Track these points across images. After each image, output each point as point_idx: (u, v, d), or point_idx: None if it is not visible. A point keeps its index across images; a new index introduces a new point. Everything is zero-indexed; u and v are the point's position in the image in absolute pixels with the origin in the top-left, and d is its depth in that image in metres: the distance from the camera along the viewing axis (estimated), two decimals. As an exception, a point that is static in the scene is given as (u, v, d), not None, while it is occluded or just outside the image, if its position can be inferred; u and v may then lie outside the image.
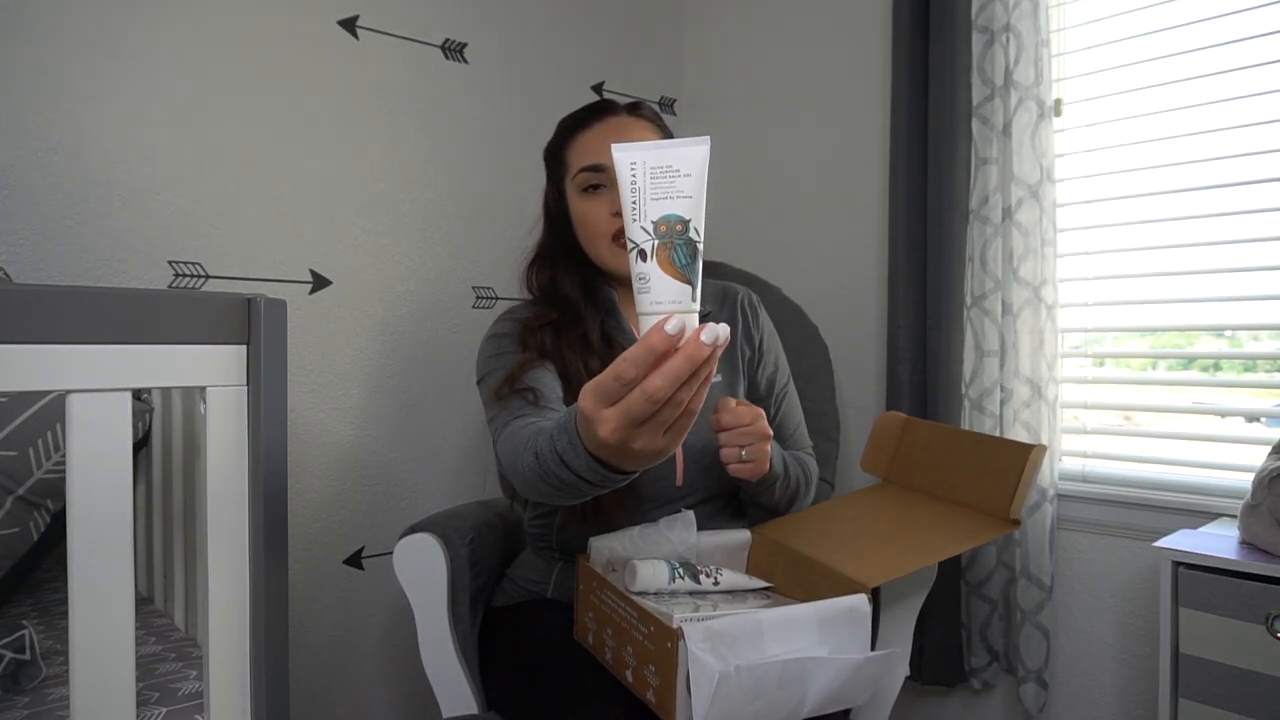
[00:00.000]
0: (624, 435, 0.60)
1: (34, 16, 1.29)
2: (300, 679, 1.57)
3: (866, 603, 0.90)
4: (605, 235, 1.14)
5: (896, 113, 1.62)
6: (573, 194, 1.17)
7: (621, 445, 0.61)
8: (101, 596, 0.67)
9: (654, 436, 0.61)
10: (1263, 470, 1.13)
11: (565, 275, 1.18)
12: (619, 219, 1.10)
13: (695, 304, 0.59)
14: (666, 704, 0.82)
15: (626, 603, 0.90)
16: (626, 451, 0.62)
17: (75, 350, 0.66)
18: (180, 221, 1.43)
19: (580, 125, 1.17)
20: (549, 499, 0.87)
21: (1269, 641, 1.05)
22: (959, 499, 1.14)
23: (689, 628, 0.80)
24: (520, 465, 0.88)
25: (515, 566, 1.27)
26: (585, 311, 1.15)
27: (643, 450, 0.62)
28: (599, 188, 1.14)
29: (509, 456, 0.95)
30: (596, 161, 1.13)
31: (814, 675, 0.85)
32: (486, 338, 1.20)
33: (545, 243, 1.24)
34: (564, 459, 0.74)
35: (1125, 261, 1.48)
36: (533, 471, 0.84)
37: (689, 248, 0.59)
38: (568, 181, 1.18)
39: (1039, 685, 1.45)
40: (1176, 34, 1.41)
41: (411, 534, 1.19)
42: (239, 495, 0.76)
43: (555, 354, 1.12)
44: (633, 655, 0.88)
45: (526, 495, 0.98)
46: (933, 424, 1.28)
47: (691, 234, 0.59)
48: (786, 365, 1.29)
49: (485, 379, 1.14)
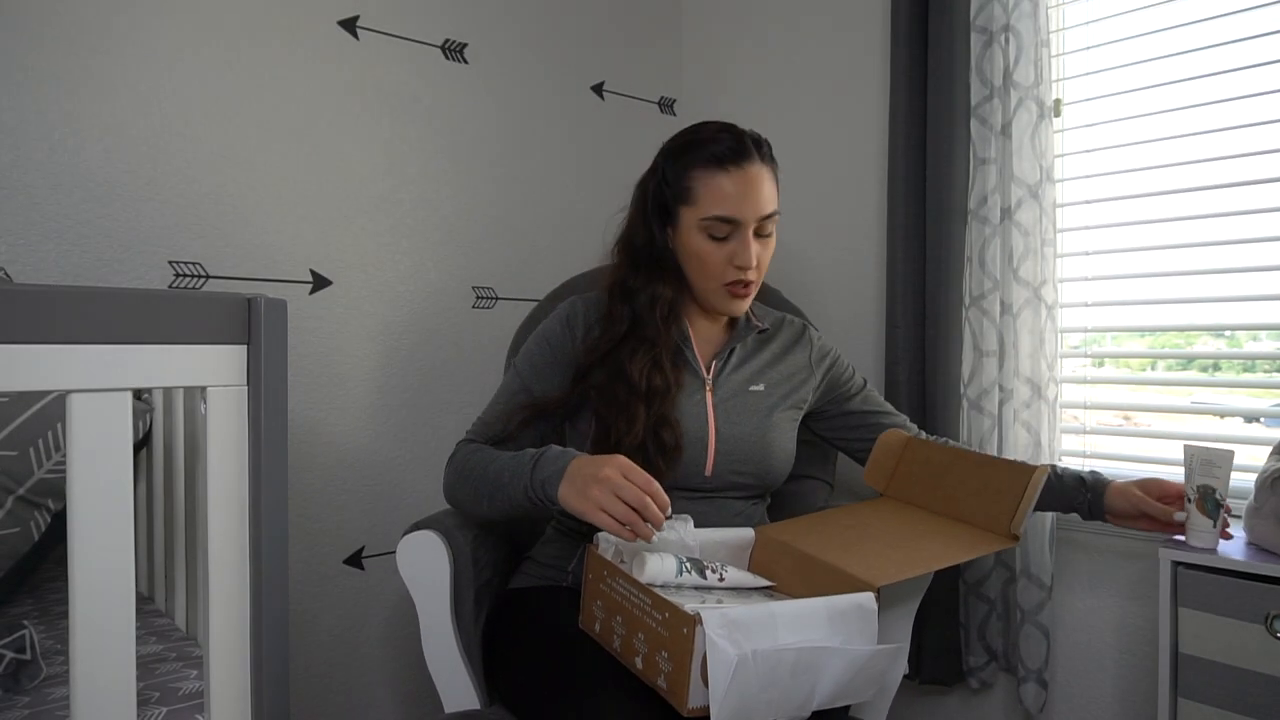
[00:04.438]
0: (617, 474, 0.94)
1: (34, 16, 1.29)
2: (300, 679, 1.57)
3: (874, 600, 0.91)
4: (719, 279, 1.19)
5: (895, 113, 1.62)
6: (692, 227, 1.18)
7: (604, 478, 0.94)
8: (101, 596, 0.67)
9: (606, 503, 0.94)
10: (1264, 472, 1.13)
11: (660, 287, 1.20)
12: (739, 271, 1.17)
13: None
14: (678, 690, 0.83)
15: (640, 590, 0.90)
16: (586, 488, 0.96)
17: (75, 350, 0.66)
18: (180, 221, 1.43)
19: (718, 163, 1.15)
20: (472, 487, 1.10)
21: (1269, 641, 1.05)
22: (959, 515, 1.15)
23: (707, 614, 0.81)
24: (479, 458, 1.11)
25: (539, 545, 1.28)
26: (665, 331, 1.19)
27: (590, 497, 0.95)
28: (725, 238, 1.17)
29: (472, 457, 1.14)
30: (733, 215, 1.15)
31: (825, 665, 0.86)
32: (538, 338, 1.24)
33: (639, 245, 1.23)
34: (540, 457, 1.03)
35: (1124, 262, 1.48)
36: (496, 463, 1.08)
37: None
38: (690, 212, 1.18)
39: (1039, 685, 1.45)
40: (1176, 34, 1.41)
41: (414, 531, 1.20)
42: (239, 495, 0.76)
43: (614, 365, 1.17)
44: (643, 642, 0.89)
45: (452, 484, 1.16)
46: (934, 445, 1.28)
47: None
48: (853, 372, 1.39)
49: (514, 378, 1.23)
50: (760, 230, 1.17)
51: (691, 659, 0.81)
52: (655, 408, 1.14)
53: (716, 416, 1.20)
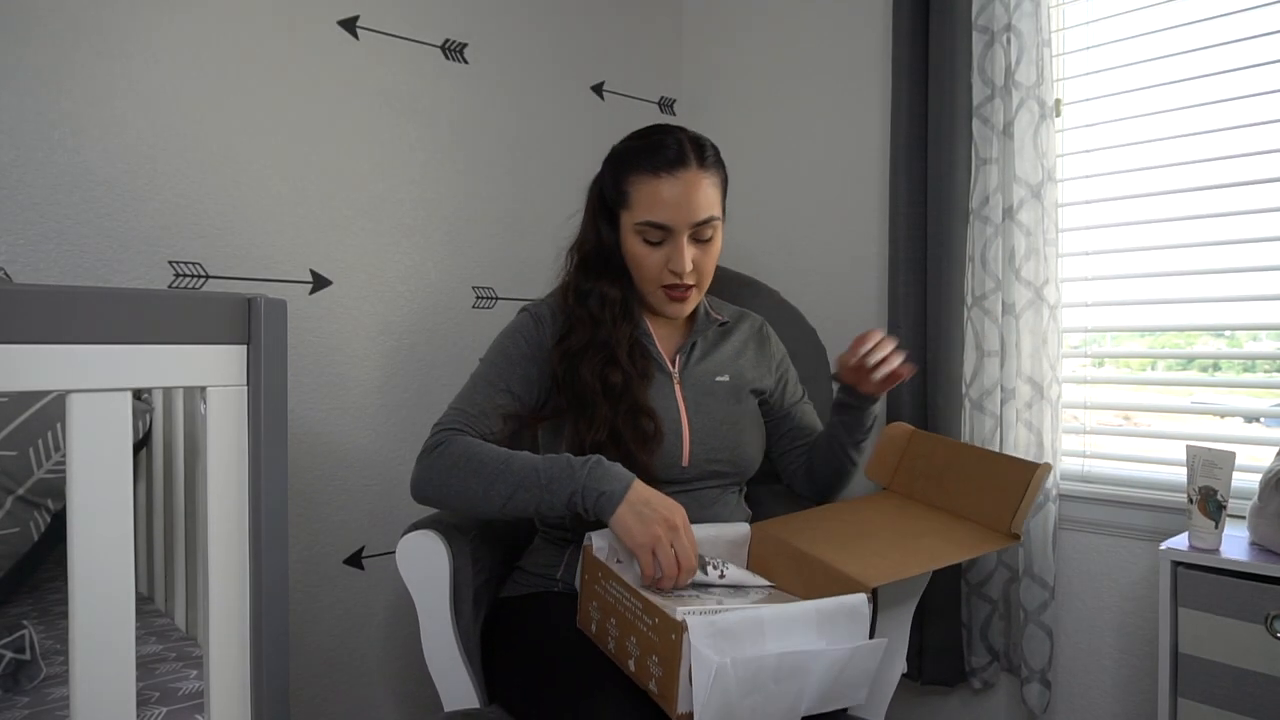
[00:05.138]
0: (673, 530, 0.98)
1: (34, 16, 1.29)
2: (300, 679, 1.57)
3: (865, 602, 0.91)
4: (656, 283, 1.20)
5: (897, 113, 1.62)
6: (629, 230, 1.19)
7: (662, 521, 0.97)
8: (101, 596, 0.67)
9: (661, 549, 0.97)
10: (1269, 472, 1.13)
11: (606, 287, 1.21)
12: (673, 275, 1.18)
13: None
14: (668, 694, 0.84)
15: (631, 594, 0.91)
16: (650, 525, 0.97)
17: (75, 350, 0.66)
18: (180, 221, 1.43)
19: (650, 167, 1.16)
20: (478, 480, 1.05)
21: (1269, 641, 1.05)
22: (961, 511, 1.15)
23: (693, 621, 0.82)
24: (492, 453, 1.07)
25: (527, 555, 1.28)
26: (619, 329, 1.20)
27: (652, 534, 0.97)
28: (660, 243, 1.18)
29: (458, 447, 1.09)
30: (664, 222, 1.15)
31: (809, 668, 0.86)
32: (509, 333, 1.23)
33: (588, 247, 1.25)
34: (598, 466, 1.02)
35: (1125, 262, 1.48)
36: (520, 458, 1.05)
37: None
38: (627, 216, 1.19)
39: (1043, 685, 1.45)
40: (1177, 34, 1.41)
41: (414, 531, 1.20)
42: (239, 495, 0.76)
43: (572, 367, 1.18)
44: (636, 645, 0.89)
45: (447, 478, 1.08)
46: (939, 437, 1.28)
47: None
48: (798, 381, 1.40)
49: (490, 370, 1.20)
50: (698, 235, 1.17)
51: (679, 664, 0.82)
52: (623, 403, 1.14)
53: (688, 408, 1.21)
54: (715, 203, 1.18)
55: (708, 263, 1.20)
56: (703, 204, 1.15)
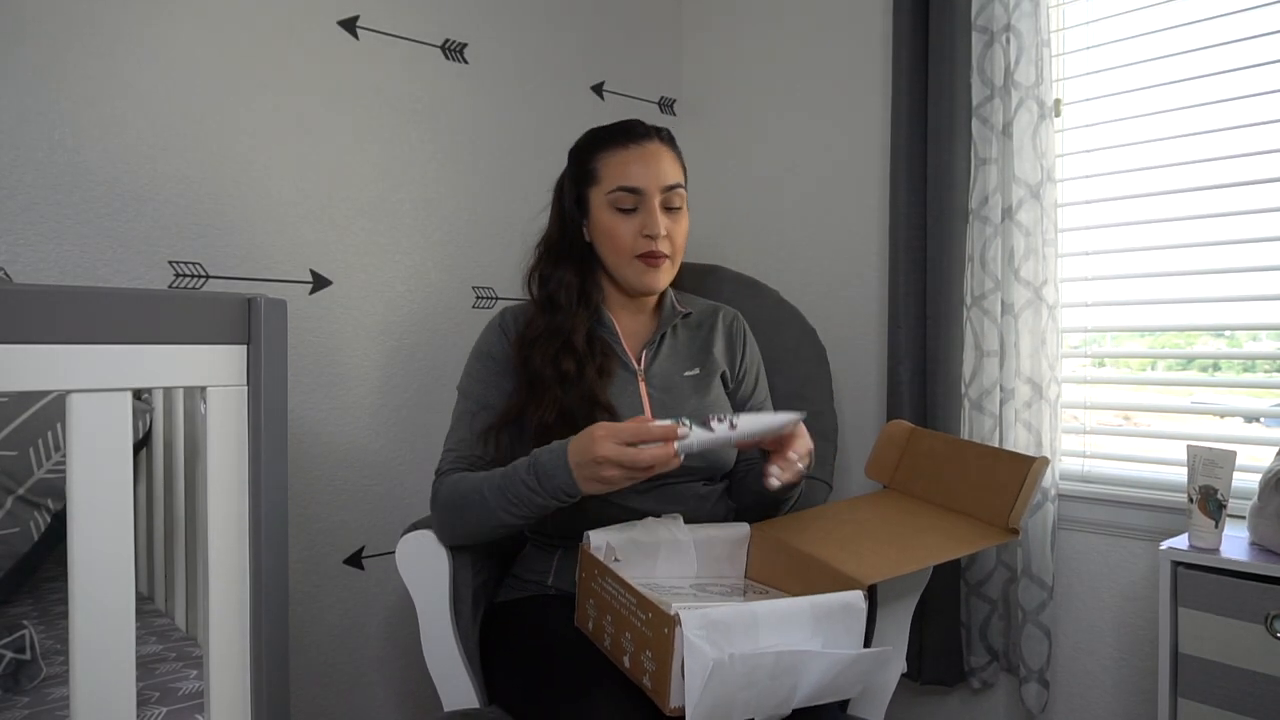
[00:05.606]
0: (613, 454, 0.93)
1: (34, 16, 1.29)
2: (300, 679, 1.57)
3: (861, 599, 0.91)
4: (631, 252, 1.21)
5: (896, 113, 1.62)
6: (601, 206, 1.22)
7: (602, 460, 0.94)
8: (101, 596, 0.67)
9: (621, 478, 0.95)
10: (1269, 472, 1.13)
11: (566, 273, 1.25)
12: (649, 240, 1.20)
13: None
14: (661, 689, 0.84)
15: (626, 589, 0.91)
16: (597, 476, 0.95)
17: (75, 350, 0.66)
18: (180, 221, 1.43)
19: (617, 142, 1.22)
20: (478, 511, 1.07)
21: (1269, 641, 1.05)
22: (960, 508, 1.15)
23: (686, 615, 0.81)
24: (467, 486, 1.09)
25: (518, 562, 1.28)
26: (576, 315, 1.22)
27: (606, 480, 0.95)
28: (633, 209, 1.20)
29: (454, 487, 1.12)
30: (637, 185, 1.19)
31: (806, 668, 0.86)
32: (477, 354, 1.26)
33: (553, 236, 1.29)
34: (538, 469, 1.00)
35: (1125, 262, 1.48)
36: (487, 484, 1.06)
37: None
38: (597, 192, 1.22)
39: (1041, 685, 1.45)
40: (1177, 34, 1.41)
41: (414, 531, 1.20)
42: (239, 495, 0.76)
43: (527, 355, 1.20)
44: (630, 641, 0.89)
45: (450, 521, 1.14)
46: (937, 434, 1.28)
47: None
48: (765, 384, 1.38)
49: (467, 401, 1.23)
50: (667, 203, 1.21)
51: (673, 659, 0.82)
52: (575, 390, 1.15)
53: (653, 406, 1.22)
54: (679, 172, 1.24)
55: (679, 234, 1.23)
56: (669, 170, 1.22)
